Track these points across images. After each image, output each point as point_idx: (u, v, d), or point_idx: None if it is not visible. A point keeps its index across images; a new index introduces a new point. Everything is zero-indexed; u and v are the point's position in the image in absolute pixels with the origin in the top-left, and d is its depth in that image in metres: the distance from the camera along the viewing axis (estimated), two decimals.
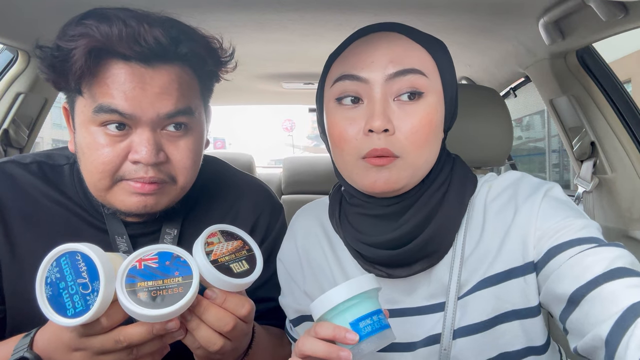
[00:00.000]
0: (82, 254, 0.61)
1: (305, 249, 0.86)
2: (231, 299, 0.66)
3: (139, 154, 0.74)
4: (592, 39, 1.19)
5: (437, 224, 0.73)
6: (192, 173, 0.82)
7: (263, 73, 1.96)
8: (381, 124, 0.68)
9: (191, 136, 0.80)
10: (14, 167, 0.87)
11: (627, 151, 1.35)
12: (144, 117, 0.74)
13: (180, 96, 0.76)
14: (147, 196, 0.77)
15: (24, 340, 0.68)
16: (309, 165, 2.82)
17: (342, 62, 0.74)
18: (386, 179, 0.70)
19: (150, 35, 0.71)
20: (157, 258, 0.64)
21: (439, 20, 1.23)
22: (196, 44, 0.77)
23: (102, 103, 0.73)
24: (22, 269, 0.82)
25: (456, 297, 0.73)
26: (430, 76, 0.71)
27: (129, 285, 0.61)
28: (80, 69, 0.71)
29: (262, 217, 0.96)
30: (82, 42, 0.70)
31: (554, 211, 0.70)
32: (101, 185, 0.77)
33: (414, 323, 0.76)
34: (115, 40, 0.70)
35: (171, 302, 0.60)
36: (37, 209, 0.85)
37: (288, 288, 0.88)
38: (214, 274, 0.64)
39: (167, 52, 0.74)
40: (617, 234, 1.41)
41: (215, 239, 0.69)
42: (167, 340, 0.66)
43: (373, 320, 0.59)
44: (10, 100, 1.39)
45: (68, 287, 0.61)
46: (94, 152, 0.75)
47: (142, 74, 0.73)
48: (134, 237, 0.86)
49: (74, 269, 0.61)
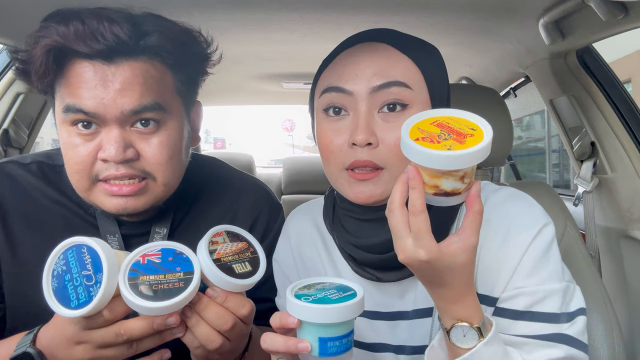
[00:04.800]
0: (89, 247, 0.63)
1: (299, 249, 0.87)
2: (232, 299, 0.66)
3: (106, 152, 0.74)
4: (592, 39, 1.19)
5: None
6: (172, 169, 0.80)
7: (263, 73, 1.96)
8: (364, 137, 0.69)
9: (165, 132, 0.78)
10: (14, 167, 0.88)
11: (627, 151, 1.35)
12: (108, 114, 0.73)
13: (145, 91, 0.74)
14: (127, 198, 0.77)
15: (27, 336, 0.69)
16: (309, 165, 2.82)
17: (329, 73, 0.75)
18: (370, 193, 0.71)
19: (109, 31, 0.71)
20: (160, 254, 0.65)
21: (439, 20, 1.23)
22: (165, 38, 0.76)
23: (68, 103, 0.74)
24: (22, 268, 0.82)
25: None
26: (415, 87, 0.71)
27: (131, 279, 0.62)
28: (41, 69, 0.72)
29: (260, 217, 0.96)
30: (41, 43, 0.71)
31: (535, 266, 0.69)
32: (81, 185, 0.78)
33: (404, 327, 0.76)
34: (72, 38, 0.70)
35: (171, 295, 0.61)
36: (36, 209, 0.85)
37: (284, 288, 0.88)
38: (216, 272, 0.65)
39: (128, 47, 0.73)
40: (617, 234, 1.41)
41: (220, 238, 0.70)
42: (167, 337, 0.66)
43: (341, 342, 0.60)
44: (10, 100, 1.39)
45: (73, 279, 0.62)
46: (69, 152, 0.76)
47: (104, 71, 0.73)
48: (126, 237, 0.86)
49: (79, 262, 0.62)
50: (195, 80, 0.86)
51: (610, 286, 1.40)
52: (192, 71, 0.84)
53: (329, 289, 0.63)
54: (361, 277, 0.77)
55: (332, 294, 0.62)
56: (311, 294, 0.62)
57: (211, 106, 2.95)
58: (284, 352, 0.61)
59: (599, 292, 1.10)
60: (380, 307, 0.78)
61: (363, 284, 0.78)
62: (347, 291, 0.62)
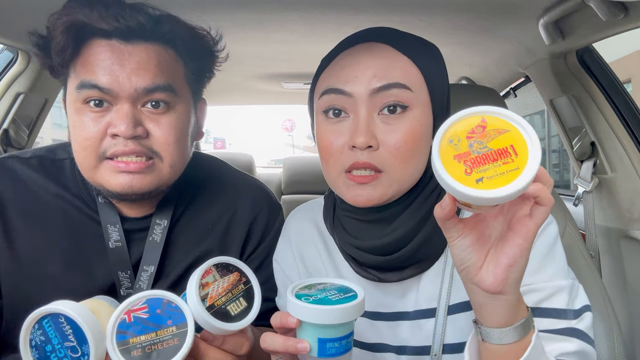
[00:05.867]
0: (66, 316, 0.58)
1: (299, 249, 0.86)
2: (230, 340, 0.64)
3: (117, 127, 0.76)
4: (592, 39, 1.19)
5: (428, 231, 0.73)
6: (178, 151, 0.82)
7: (263, 73, 1.96)
8: (364, 140, 0.68)
9: (174, 114, 0.81)
10: (15, 162, 0.88)
11: (627, 151, 1.35)
12: (121, 92, 0.76)
13: (158, 72, 0.78)
14: (133, 175, 0.78)
15: None
16: (309, 165, 2.82)
17: (328, 74, 0.75)
18: (368, 197, 0.71)
19: (130, 15, 0.75)
20: (146, 307, 0.60)
21: (439, 20, 1.23)
22: (178, 28, 0.81)
23: (83, 79, 0.76)
24: (21, 263, 0.82)
25: (446, 305, 0.73)
26: (415, 88, 0.71)
27: (120, 344, 0.57)
28: (60, 45, 0.75)
29: (259, 217, 0.96)
30: (62, 20, 0.74)
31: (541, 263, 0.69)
32: (87, 163, 0.79)
33: (405, 327, 0.76)
34: (95, 17, 0.74)
35: (167, 356, 0.57)
36: (36, 204, 0.85)
37: (284, 288, 0.88)
38: (211, 322, 0.61)
39: (145, 30, 0.77)
40: (617, 234, 1.41)
41: (210, 277, 0.65)
42: None
43: (341, 343, 0.60)
44: (10, 100, 1.39)
45: (55, 350, 0.58)
46: (79, 129, 0.78)
47: (121, 50, 0.76)
48: (127, 232, 0.86)
49: (58, 332, 0.58)
50: (203, 75, 0.89)
51: (610, 286, 1.40)
52: (201, 64, 0.87)
53: (330, 290, 0.63)
54: (362, 277, 0.77)
55: (333, 294, 0.61)
56: (312, 294, 0.61)
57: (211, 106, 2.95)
58: (283, 352, 0.60)
59: (599, 292, 1.10)
60: (382, 308, 0.78)
61: (364, 284, 0.78)
62: (348, 292, 0.62)
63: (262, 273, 0.93)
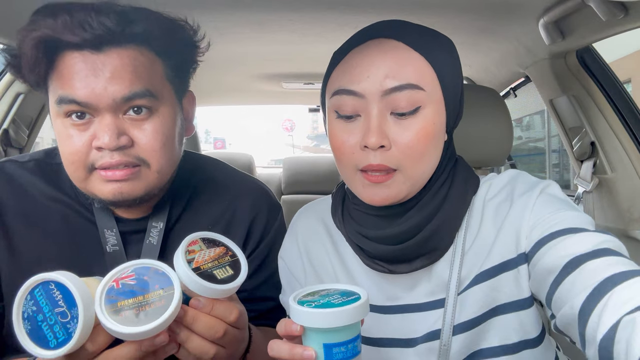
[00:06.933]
0: (56, 282, 0.59)
1: (306, 246, 0.86)
2: (219, 306, 0.65)
3: (100, 140, 0.75)
4: (592, 39, 1.19)
5: (439, 222, 0.73)
6: (165, 156, 0.81)
7: (263, 73, 1.96)
8: (376, 140, 0.68)
9: (157, 118, 0.79)
10: (12, 166, 0.88)
11: (627, 151, 1.35)
12: (100, 103, 0.74)
13: (135, 79, 0.76)
14: (121, 183, 0.77)
15: None
16: (309, 165, 2.82)
17: (340, 73, 0.74)
18: (384, 196, 0.71)
19: (96, 21, 0.72)
20: (134, 274, 0.62)
21: (439, 20, 1.23)
22: (151, 24, 0.77)
23: (61, 94, 0.75)
24: (21, 266, 0.82)
25: (456, 293, 0.73)
26: (428, 87, 0.70)
27: (109, 307, 0.58)
28: (31, 61, 0.74)
29: (259, 217, 0.96)
30: (30, 36, 0.73)
31: (549, 205, 0.70)
32: (77, 176, 0.79)
33: (415, 319, 0.76)
34: (60, 28, 0.72)
35: (155, 316, 0.58)
36: (35, 207, 0.85)
37: (289, 286, 0.88)
38: (197, 281, 0.62)
39: (115, 35, 0.74)
40: (617, 234, 1.40)
41: (197, 246, 0.67)
42: (160, 355, 0.64)
43: (347, 347, 0.58)
44: (10, 100, 1.39)
45: (46, 318, 0.58)
46: (64, 143, 0.77)
47: (94, 60, 0.74)
48: (124, 234, 0.86)
49: (49, 299, 0.59)
50: (185, 68, 0.87)
51: None
52: (181, 58, 0.85)
53: (333, 295, 0.62)
54: (372, 269, 0.77)
55: (336, 298, 0.60)
56: (314, 300, 0.61)
57: (211, 106, 2.95)
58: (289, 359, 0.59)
59: None
60: (391, 300, 0.78)
61: (374, 278, 0.78)
62: (351, 295, 0.61)
63: (263, 272, 0.93)
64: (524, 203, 0.71)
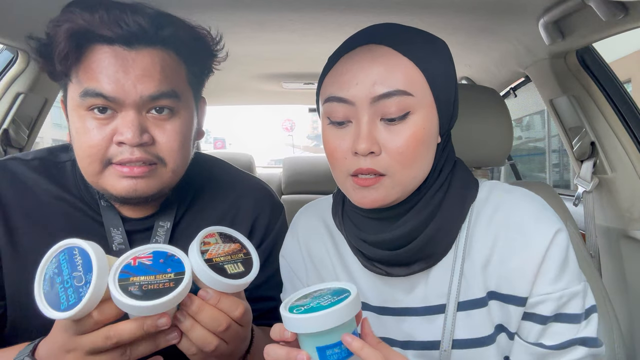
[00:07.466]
0: (80, 248, 0.62)
1: (307, 246, 0.87)
2: (225, 300, 0.66)
3: (123, 135, 0.75)
4: (592, 39, 1.19)
5: (436, 226, 0.73)
6: (182, 157, 0.82)
7: (263, 73, 1.96)
8: (366, 147, 0.69)
9: (178, 119, 0.81)
10: (16, 164, 0.88)
11: (627, 151, 1.35)
12: (127, 99, 0.75)
13: (163, 79, 0.77)
14: (137, 179, 0.78)
15: (28, 347, 0.69)
16: (309, 165, 2.82)
17: (331, 80, 0.75)
18: (373, 199, 0.72)
19: (132, 19, 0.74)
20: (152, 256, 0.65)
21: (439, 20, 1.23)
22: (180, 30, 0.80)
23: (87, 87, 0.75)
24: (24, 264, 0.82)
25: (456, 301, 0.73)
26: (418, 92, 0.70)
27: (121, 280, 0.61)
28: (63, 52, 0.74)
29: (262, 216, 0.96)
30: (64, 27, 0.73)
31: (559, 272, 0.70)
32: (92, 169, 0.78)
33: (412, 323, 0.76)
34: (96, 23, 0.73)
35: (161, 294, 0.60)
36: (38, 205, 0.85)
37: (291, 285, 0.88)
38: (207, 272, 0.64)
39: (148, 34, 0.76)
40: (617, 234, 1.41)
41: (213, 239, 0.70)
42: (161, 342, 0.65)
43: (341, 348, 0.58)
44: (10, 100, 1.39)
45: (64, 281, 0.61)
46: (83, 136, 0.77)
47: (125, 56, 0.75)
48: (130, 233, 0.86)
49: (70, 263, 0.62)
50: (203, 75, 0.89)
51: (610, 286, 1.40)
52: (202, 65, 0.87)
53: (325, 295, 0.62)
54: (370, 271, 0.78)
55: (326, 299, 0.60)
56: (305, 304, 0.61)
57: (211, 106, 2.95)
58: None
59: (599, 292, 1.10)
60: (389, 302, 0.78)
61: (372, 279, 0.79)
62: (342, 294, 0.61)
63: (265, 272, 0.93)
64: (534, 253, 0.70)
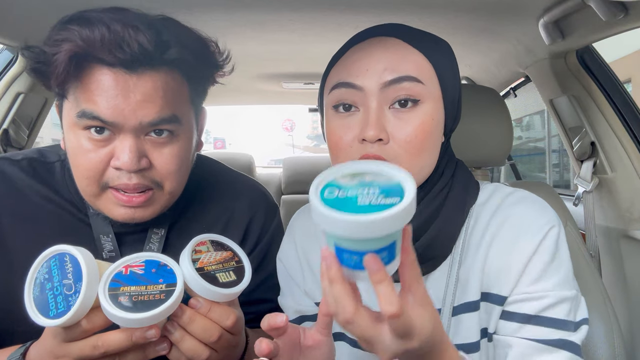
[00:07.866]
0: (71, 255, 0.61)
1: (304, 249, 0.86)
2: (216, 309, 0.65)
3: (121, 160, 0.73)
4: (592, 39, 1.19)
5: (436, 229, 0.73)
6: (179, 178, 0.80)
7: (263, 73, 1.96)
8: (375, 133, 0.68)
9: (176, 143, 0.78)
10: (5, 164, 0.87)
11: (627, 151, 1.35)
12: (126, 124, 0.72)
13: (164, 104, 0.74)
14: (135, 208, 0.76)
15: (19, 350, 0.68)
16: (309, 165, 2.82)
17: (339, 68, 0.74)
18: None
19: (135, 41, 0.69)
20: (143, 265, 0.64)
21: (439, 20, 1.23)
22: (186, 49, 0.75)
23: (85, 109, 0.72)
24: (12, 266, 0.81)
25: (451, 306, 0.73)
26: (427, 82, 0.70)
27: (112, 289, 0.60)
28: (62, 74, 0.70)
29: (256, 217, 0.95)
30: (64, 47, 0.69)
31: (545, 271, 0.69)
32: (89, 191, 0.77)
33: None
34: (97, 45, 0.69)
35: (151, 307, 0.59)
36: (27, 206, 0.84)
37: (288, 288, 0.88)
38: (198, 281, 0.63)
39: (152, 58, 0.71)
40: (617, 234, 1.41)
41: (204, 247, 0.69)
42: (150, 353, 0.64)
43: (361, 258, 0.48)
44: (10, 100, 1.39)
45: (54, 287, 0.60)
46: (79, 157, 0.75)
47: (126, 80, 0.71)
48: (120, 235, 0.85)
49: (61, 270, 0.61)
50: (206, 89, 0.87)
51: (610, 286, 1.40)
52: (205, 81, 0.84)
53: (371, 187, 0.47)
54: None
55: (367, 196, 0.46)
56: (347, 187, 0.48)
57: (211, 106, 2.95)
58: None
59: (599, 292, 1.10)
60: None
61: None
62: (391, 196, 0.46)
63: (260, 274, 0.93)
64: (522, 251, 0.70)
